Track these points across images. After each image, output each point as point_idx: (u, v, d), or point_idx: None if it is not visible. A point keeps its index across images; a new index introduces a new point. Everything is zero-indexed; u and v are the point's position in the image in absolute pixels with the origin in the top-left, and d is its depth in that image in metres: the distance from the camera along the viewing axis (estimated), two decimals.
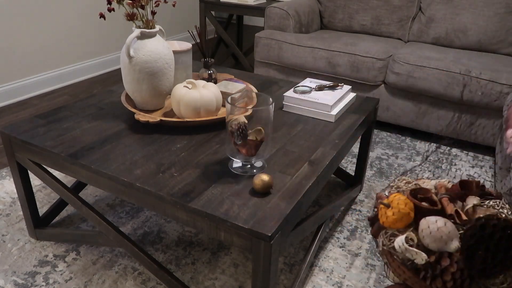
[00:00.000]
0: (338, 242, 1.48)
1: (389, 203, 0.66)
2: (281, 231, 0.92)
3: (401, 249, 0.62)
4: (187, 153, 1.16)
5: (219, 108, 1.32)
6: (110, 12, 1.24)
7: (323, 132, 1.32)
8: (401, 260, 0.62)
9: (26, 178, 1.36)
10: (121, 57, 1.28)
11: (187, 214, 0.97)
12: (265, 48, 2.47)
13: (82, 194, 1.68)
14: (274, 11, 2.57)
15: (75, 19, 2.81)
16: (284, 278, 1.32)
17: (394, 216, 0.64)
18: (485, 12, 2.30)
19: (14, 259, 1.37)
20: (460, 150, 2.14)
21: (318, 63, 2.32)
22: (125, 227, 1.52)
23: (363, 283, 1.31)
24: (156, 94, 1.32)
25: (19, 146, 1.25)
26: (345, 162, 1.98)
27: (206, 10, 3.11)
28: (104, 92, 1.56)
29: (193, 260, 1.37)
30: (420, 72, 2.05)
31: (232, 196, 0.98)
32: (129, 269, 1.33)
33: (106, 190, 1.11)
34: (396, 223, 0.64)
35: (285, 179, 1.05)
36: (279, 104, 1.50)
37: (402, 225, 0.64)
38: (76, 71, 2.91)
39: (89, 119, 1.34)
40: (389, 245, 0.64)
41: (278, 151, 1.19)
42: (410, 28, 2.56)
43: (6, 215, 1.56)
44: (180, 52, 1.43)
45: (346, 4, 2.67)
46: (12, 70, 2.51)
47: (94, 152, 1.15)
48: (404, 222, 0.64)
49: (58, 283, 1.28)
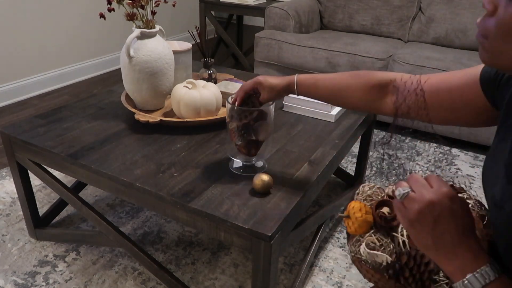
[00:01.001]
0: (338, 242, 1.48)
1: (347, 214, 0.70)
2: (281, 231, 0.92)
3: (366, 254, 0.65)
4: (187, 153, 1.16)
5: (219, 108, 1.32)
6: (110, 12, 1.24)
7: (323, 132, 1.32)
8: (370, 265, 0.66)
9: (26, 178, 1.36)
10: (121, 57, 1.28)
11: (187, 214, 0.97)
12: (265, 48, 2.47)
13: (82, 194, 1.68)
14: (274, 11, 2.57)
15: (75, 19, 2.81)
16: (284, 278, 1.32)
17: (354, 224, 0.68)
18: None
19: (14, 259, 1.37)
20: (460, 150, 2.14)
21: (318, 63, 2.32)
22: (125, 227, 1.52)
23: (363, 283, 1.31)
24: (156, 94, 1.32)
25: (19, 146, 1.25)
26: (345, 162, 1.98)
27: (206, 10, 3.11)
28: (104, 92, 1.56)
29: (193, 260, 1.37)
30: (420, 72, 2.05)
31: (232, 196, 0.98)
32: (129, 269, 1.33)
33: (106, 190, 1.11)
34: (358, 230, 0.68)
35: (285, 179, 1.05)
36: (279, 104, 1.50)
37: (364, 230, 0.68)
38: (76, 71, 2.91)
39: (89, 119, 1.34)
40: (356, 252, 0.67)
41: (278, 151, 1.19)
42: (410, 28, 2.56)
43: (6, 215, 1.56)
44: (180, 52, 1.43)
45: (346, 4, 2.67)
46: (12, 70, 2.51)
47: (94, 152, 1.15)
48: (364, 227, 0.68)
49: (58, 283, 1.28)
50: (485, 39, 0.51)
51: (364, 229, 0.68)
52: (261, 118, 0.99)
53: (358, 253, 0.67)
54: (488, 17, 0.50)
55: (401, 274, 0.60)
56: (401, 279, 0.60)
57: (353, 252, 0.68)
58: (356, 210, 0.68)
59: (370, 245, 0.65)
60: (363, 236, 0.67)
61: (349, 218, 0.69)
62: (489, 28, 0.50)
